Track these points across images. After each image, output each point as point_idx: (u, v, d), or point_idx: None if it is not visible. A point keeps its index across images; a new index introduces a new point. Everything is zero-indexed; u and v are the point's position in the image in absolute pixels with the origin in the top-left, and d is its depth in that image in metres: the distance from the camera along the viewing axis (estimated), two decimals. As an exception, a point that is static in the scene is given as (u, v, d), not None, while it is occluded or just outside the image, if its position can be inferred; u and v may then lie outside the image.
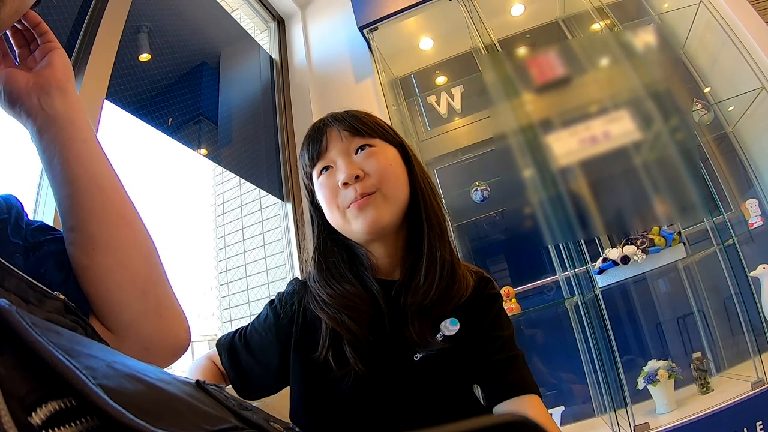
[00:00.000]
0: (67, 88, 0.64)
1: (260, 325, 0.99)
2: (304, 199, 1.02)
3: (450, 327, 0.89)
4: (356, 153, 0.91)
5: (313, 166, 0.94)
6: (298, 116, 2.90)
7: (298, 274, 2.52)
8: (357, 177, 0.87)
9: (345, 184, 0.88)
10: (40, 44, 0.66)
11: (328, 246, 0.96)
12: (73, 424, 0.25)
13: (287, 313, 0.97)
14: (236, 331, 1.02)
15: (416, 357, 0.88)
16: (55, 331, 0.31)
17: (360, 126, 0.93)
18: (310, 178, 0.96)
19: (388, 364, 0.87)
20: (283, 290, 1.04)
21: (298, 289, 0.99)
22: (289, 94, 2.99)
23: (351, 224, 0.89)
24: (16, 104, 0.62)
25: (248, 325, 1.03)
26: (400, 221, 0.92)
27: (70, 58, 1.57)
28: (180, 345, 0.67)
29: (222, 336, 1.03)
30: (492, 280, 1.04)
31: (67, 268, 0.60)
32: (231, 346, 0.99)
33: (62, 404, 0.25)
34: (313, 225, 0.99)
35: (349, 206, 0.88)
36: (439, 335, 0.88)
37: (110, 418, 0.25)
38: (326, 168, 0.92)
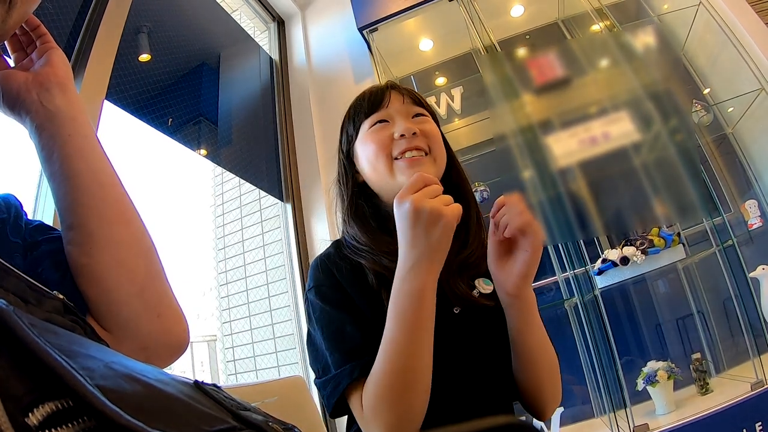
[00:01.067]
0: (68, 86, 0.64)
1: (330, 292, 0.91)
2: (338, 156, 1.03)
3: (485, 286, 0.91)
4: (413, 117, 0.96)
5: (368, 115, 0.97)
6: (297, 117, 2.90)
7: (297, 275, 2.52)
8: (414, 134, 0.91)
9: (402, 135, 0.91)
10: (38, 46, 0.66)
11: (360, 203, 0.97)
12: (70, 425, 0.24)
13: (336, 265, 0.93)
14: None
15: (456, 310, 0.89)
16: (53, 332, 0.31)
17: (419, 98, 0.99)
18: (357, 130, 0.98)
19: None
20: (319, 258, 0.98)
21: (336, 248, 0.97)
22: (289, 95, 2.99)
23: (396, 177, 0.90)
24: (16, 103, 0.62)
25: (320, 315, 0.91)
26: None
27: (70, 59, 1.57)
28: (179, 344, 0.66)
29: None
30: None
31: (64, 268, 0.60)
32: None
33: (59, 405, 0.25)
34: (346, 181, 1.00)
35: (399, 158, 0.91)
36: (475, 291, 0.90)
37: (107, 419, 0.25)
38: (381, 121, 0.95)
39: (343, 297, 0.89)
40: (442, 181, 0.87)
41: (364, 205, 0.97)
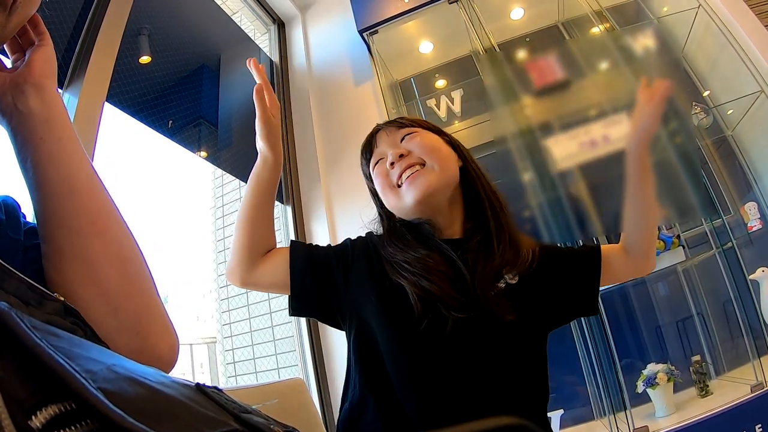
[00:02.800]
0: (44, 85, 0.61)
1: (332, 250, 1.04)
2: (371, 202, 1.12)
3: (512, 277, 0.95)
4: (401, 141, 1.02)
5: (368, 161, 1.07)
6: (297, 119, 2.90)
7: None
8: (401, 156, 0.98)
9: (392, 164, 0.98)
10: (35, 44, 0.64)
11: (396, 227, 1.03)
12: (73, 428, 0.25)
13: (363, 248, 1.02)
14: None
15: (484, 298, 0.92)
16: (55, 334, 0.31)
17: (402, 120, 1.06)
18: (371, 178, 1.06)
19: (473, 319, 0.89)
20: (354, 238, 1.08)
21: (374, 238, 1.05)
22: (289, 97, 2.99)
23: (404, 198, 0.97)
24: None
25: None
26: (452, 194, 1.01)
27: (70, 61, 1.58)
28: (162, 362, 0.61)
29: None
30: (549, 246, 1.10)
31: (44, 279, 0.57)
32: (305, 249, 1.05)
33: (62, 408, 0.25)
34: (382, 221, 1.08)
35: (400, 184, 0.98)
36: (501, 282, 0.94)
37: (110, 422, 0.25)
38: (379, 160, 1.03)
39: (349, 269, 0.99)
40: (463, 186, 1.02)
41: (400, 228, 1.02)
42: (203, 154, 2.36)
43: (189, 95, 2.28)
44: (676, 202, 2.08)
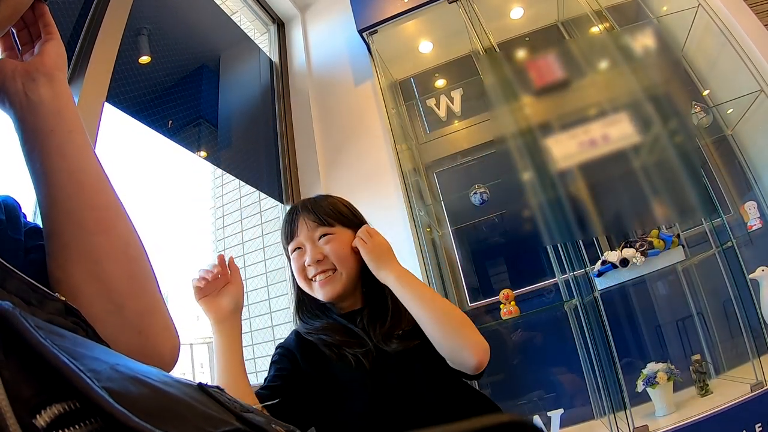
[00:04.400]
0: (56, 76, 0.61)
1: (280, 365, 1.19)
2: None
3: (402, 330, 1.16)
4: (319, 239, 1.19)
5: (288, 242, 1.23)
6: (297, 119, 2.90)
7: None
8: (318, 260, 1.17)
9: (309, 265, 1.17)
10: (42, 37, 0.64)
11: (303, 300, 1.26)
12: (77, 426, 0.25)
13: (294, 350, 1.18)
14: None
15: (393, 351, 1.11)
16: (59, 334, 0.31)
17: (323, 216, 1.21)
18: (287, 251, 1.25)
19: (379, 368, 1.10)
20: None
21: (294, 337, 1.23)
22: (289, 97, 2.99)
23: (316, 293, 1.19)
24: (1, 91, 0.59)
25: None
26: (357, 285, 1.22)
27: (70, 61, 1.58)
28: (164, 362, 0.61)
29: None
30: None
31: (45, 279, 0.56)
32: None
33: (66, 407, 0.25)
34: (293, 281, 1.27)
35: (314, 280, 1.18)
36: (399, 330, 1.14)
37: (115, 421, 0.25)
38: (298, 248, 1.21)
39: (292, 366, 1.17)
40: (363, 276, 1.22)
41: (306, 300, 1.25)
42: (203, 154, 2.36)
43: (189, 95, 2.28)
44: (675, 201, 2.08)
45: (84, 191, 0.58)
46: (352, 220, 1.25)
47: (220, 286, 1.14)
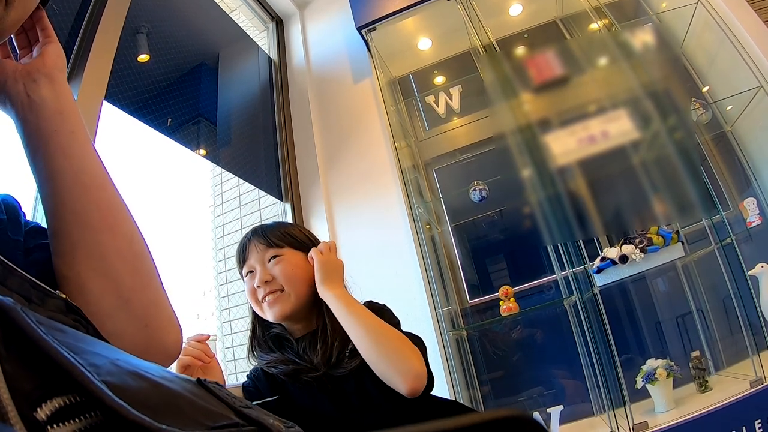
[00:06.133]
0: (56, 76, 0.62)
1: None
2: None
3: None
4: (269, 261, 1.22)
5: (241, 267, 1.27)
6: (296, 116, 2.90)
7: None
8: (267, 281, 1.19)
9: (258, 286, 1.20)
10: (40, 40, 0.64)
11: (256, 330, 1.29)
12: (77, 420, 0.25)
13: (258, 387, 1.23)
14: None
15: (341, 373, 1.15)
16: (60, 329, 0.31)
17: (273, 239, 1.24)
18: (241, 275, 1.28)
19: (330, 383, 1.15)
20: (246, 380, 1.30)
21: (255, 373, 1.27)
22: (288, 95, 2.99)
23: (266, 314, 1.21)
24: (1, 92, 0.59)
25: None
26: (309, 307, 1.22)
27: (68, 60, 1.58)
28: (168, 354, 0.63)
29: None
30: (384, 310, 1.30)
31: (50, 278, 0.57)
32: None
33: (67, 400, 0.25)
34: (251, 312, 1.29)
35: (263, 301, 1.20)
36: (345, 350, 1.16)
37: (114, 414, 0.25)
38: (250, 272, 1.24)
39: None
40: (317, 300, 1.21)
41: (261, 329, 1.28)
42: (202, 152, 2.36)
43: (187, 93, 2.28)
44: (675, 198, 2.08)
45: (89, 191, 0.59)
46: (306, 243, 1.28)
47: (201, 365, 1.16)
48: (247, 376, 1.29)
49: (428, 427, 0.25)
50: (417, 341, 1.14)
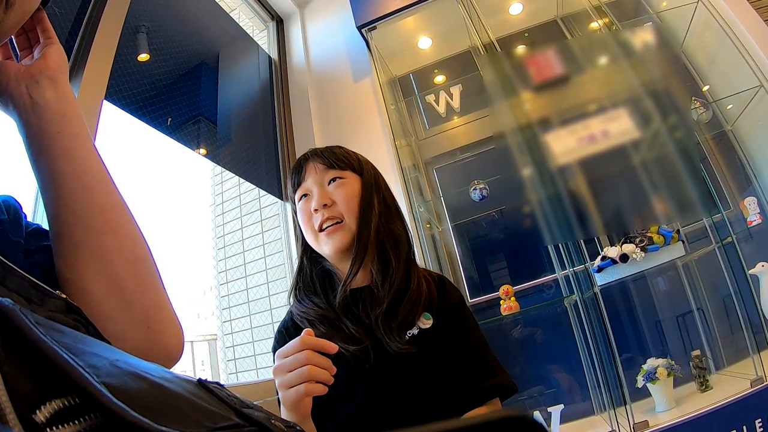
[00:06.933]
0: (59, 79, 0.62)
1: None
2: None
3: (425, 321, 1.02)
4: (329, 184, 1.08)
5: (295, 190, 1.13)
6: (296, 116, 2.90)
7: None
8: (326, 204, 1.05)
9: (316, 210, 1.06)
10: (41, 42, 0.64)
11: (304, 266, 1.14)
12: (76, 422, 0.25)
13: (290, 335, 1.04)
14: None
15: (393, 351, 0.97)
16: (59, 330, 0.31)
17: (334, 160, 1.11)
18: (294, 201, 1.14)
19: (372, 361, 0.97)
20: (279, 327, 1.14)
21: (284, 326, 1.11)
22: (288, 94, 2.99)
23: (321, 246, 1.07)
24: (3, 94, 0.59)
25: None
26: (365, 251, 1.06)
27: (68, 59, 1.58)
28: (170, 356, 0.63)
29: None
30: (449, 282, 1.17)
31: (54, 280, 0.57)
32: None
33: (66, 402, 0.25)
34: (297, 243, 1.16)
35: (321, 230, 1.05)
36: (414, 329, 1.01)
37: (114, 416, 0.25)
38: (305, 195, 1.10)
39: None
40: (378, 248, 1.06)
41: (311, 265, 1.13)
42: (202, 151, 2.36)
43: (188, 93, 2.28)
44: (675, 197, 2.08)
45: (92, 193, 0.59)
46: (360, 168, 1.15)
47: None
48: (280, 324, 1.12)
49: (427, 429, 0.25)
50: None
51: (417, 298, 1.03)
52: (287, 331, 1.07)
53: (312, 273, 1.12)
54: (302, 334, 0.81)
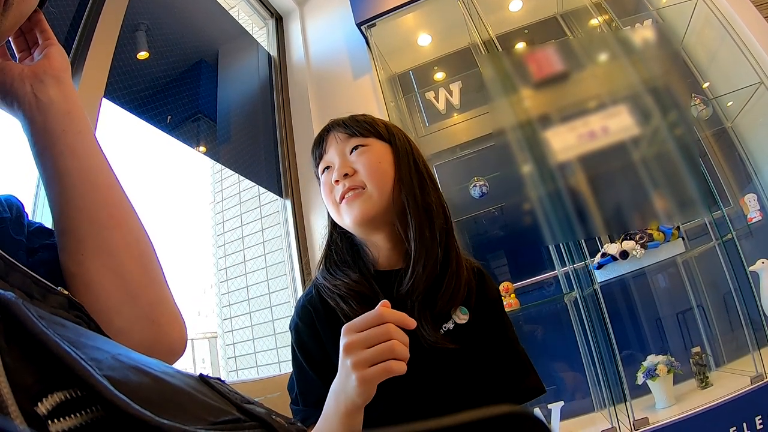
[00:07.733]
0: (63, 78, 0.62)
1: (300, 352, 0.97)
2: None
3: (461, 315, 0.94)
4: (351, 153, 1.01)
5: (317, 164, 1.07)
6: (296, 113, 2.90)
7: (297, 271, 2.53)
8: (346, 174, 0.97)
9: (336, 180, 0.98)
10: (40, 42, 0.65)
11: (334, 239, 1.05)
12: (78, 414, 0.25)
13: (307, 322, 0.97)
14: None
15: (426, 344, 0.89)
16: (61, 324, 0.31)
17: (355, 127, 1.04)
18: (318, 176, 1.07)
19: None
20: (296, 308, 1.04)
21: (307, 298, 1.01)
22: (288, 91, 2.99)
23: (343, 218, 0.98)
24: (8, 93, 0.60)
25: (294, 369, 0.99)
26: (393, 214, 0.97)
27: (68, 57, 1.58)
28: (174, 351, 0.64)
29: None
30: (488, 275, 1.10)
31: (59, 277, 0.58)
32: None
33: (68, 395, 0.25)
34: (328, 220, 1.07)
35: (341, 201, 0.97)
36: (449, 323, 0.93)
37: (115, 408, 0.25)
38: (327, 168, 1.03)
39: (315, 347, 0.95)
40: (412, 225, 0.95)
41: (338, 241, 1.04)
42: (202, 149, 2.36)
43: (187, 90, 2.28)
44: (675, 194, 2.08)
45: (97, 189, 0.60)
46: (387, 135, 1.06)
47: None
48: (300, 307, 1.01)
49: (430, 425, 0.25)
50: None
51: (456, 283, 0.95)
52: (312, 305, 0.97)
53: (343, 246, 1.03)
54: (378, 305, 0.71)
